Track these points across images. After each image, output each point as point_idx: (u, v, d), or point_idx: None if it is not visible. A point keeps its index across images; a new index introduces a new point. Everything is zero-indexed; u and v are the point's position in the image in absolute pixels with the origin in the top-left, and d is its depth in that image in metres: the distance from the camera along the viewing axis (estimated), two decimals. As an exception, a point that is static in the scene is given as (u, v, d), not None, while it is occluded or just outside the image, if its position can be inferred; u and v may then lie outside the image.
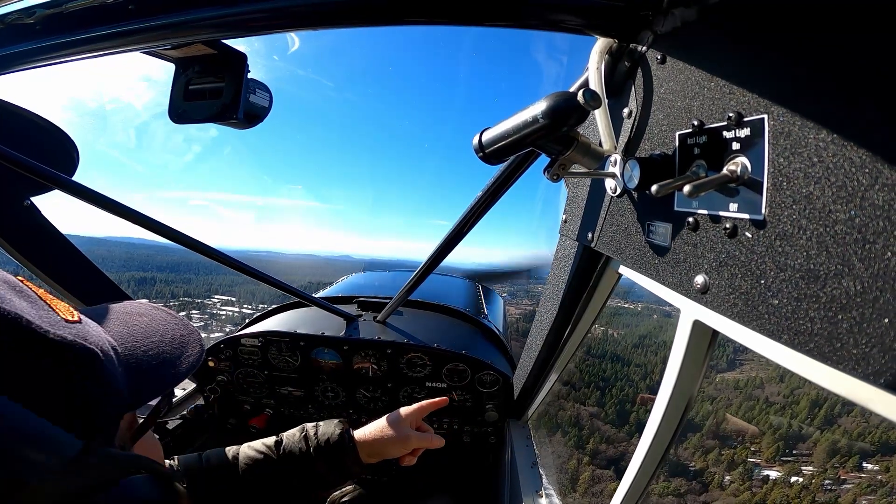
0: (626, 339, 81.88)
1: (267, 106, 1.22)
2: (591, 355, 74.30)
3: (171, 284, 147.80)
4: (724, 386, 69.01)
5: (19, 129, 1.44)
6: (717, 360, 70.85)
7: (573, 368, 50.07)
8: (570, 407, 59.71)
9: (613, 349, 79.70)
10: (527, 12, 0.75)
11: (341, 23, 0.79)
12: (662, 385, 0.95)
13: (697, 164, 0.68)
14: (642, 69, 0.85)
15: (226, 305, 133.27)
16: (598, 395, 65.50)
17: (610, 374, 72.46)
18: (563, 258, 1.42)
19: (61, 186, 1.36)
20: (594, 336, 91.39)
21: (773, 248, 0.55)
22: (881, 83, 0.42)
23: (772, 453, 49.82)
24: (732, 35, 0.61)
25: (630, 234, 0.91)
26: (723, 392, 66.84)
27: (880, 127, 0.42)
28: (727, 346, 43.93)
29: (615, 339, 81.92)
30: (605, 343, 78.76)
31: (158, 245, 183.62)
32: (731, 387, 68.88)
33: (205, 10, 0.78)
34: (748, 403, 61.95)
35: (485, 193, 1.48)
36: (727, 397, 65.65)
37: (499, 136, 0.83)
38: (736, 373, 72.33)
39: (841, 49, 0.46)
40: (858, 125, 0.44)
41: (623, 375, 72.68)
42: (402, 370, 2.22)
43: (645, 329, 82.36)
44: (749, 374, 66.13)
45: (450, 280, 3.95)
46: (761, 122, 0.56)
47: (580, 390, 65.94)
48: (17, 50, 0.96)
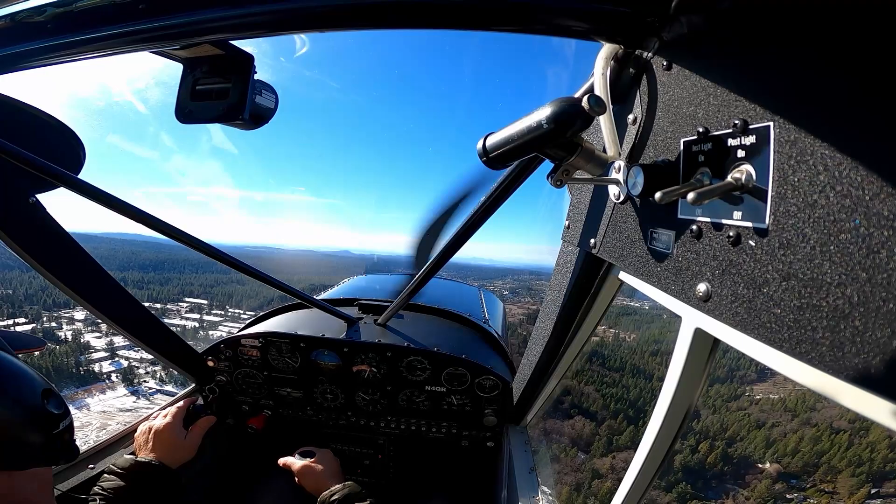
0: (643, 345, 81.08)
1: (273, 107, 1.23)
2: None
3: (147, 286, 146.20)
4: (771, 408, 65.17)
5: (26, 125, 1.45)
6: (748, 370, 67.89)
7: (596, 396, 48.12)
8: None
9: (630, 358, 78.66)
10: (533, 17, 0.75)
11: (348, 25, 0.80)
12: (662, 392, 0.94)
13: (702, 171, 0.68)
14: (648, 76, 0.85)
15: (190, 312, 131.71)
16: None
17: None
18: (564, 264, 1.42)
19: (67, 184, 1.37)
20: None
21: (777, 256, 0.54)
22: (888, 93, 0.42)
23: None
24: (739, 42, 0.62)
25: (633, 241, 0.90)
26: (771, 415, 63.14)
27: (886, 137, 0.42)
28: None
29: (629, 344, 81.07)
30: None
31: (145, 241, 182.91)
32: (778, 409, 65.28)
33: (214, 11, 0.79)
34: (811, 432, 57.67)
35: (488, 198, 1.48)
36: (782, 423, 61.75)
37: (503, 140, 0.83)
38: (769, 384, 69.17)
39: (848, 58, 0.46)
40: (864, 135, 0.44)
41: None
42: (401, 373, 2.22)
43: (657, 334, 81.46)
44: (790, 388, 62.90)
45: (451, 284, 3.96)
46: (767, 130, 0.55)
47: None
48: (27, 48, 0.97)
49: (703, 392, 0.91)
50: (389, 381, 2.24)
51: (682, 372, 0.87)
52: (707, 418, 67.01)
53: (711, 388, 72.15)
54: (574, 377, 70.47)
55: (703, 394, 0.90)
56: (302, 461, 1.80)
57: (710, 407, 70.10)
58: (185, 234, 1.66)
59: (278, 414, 2.45)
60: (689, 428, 57.41)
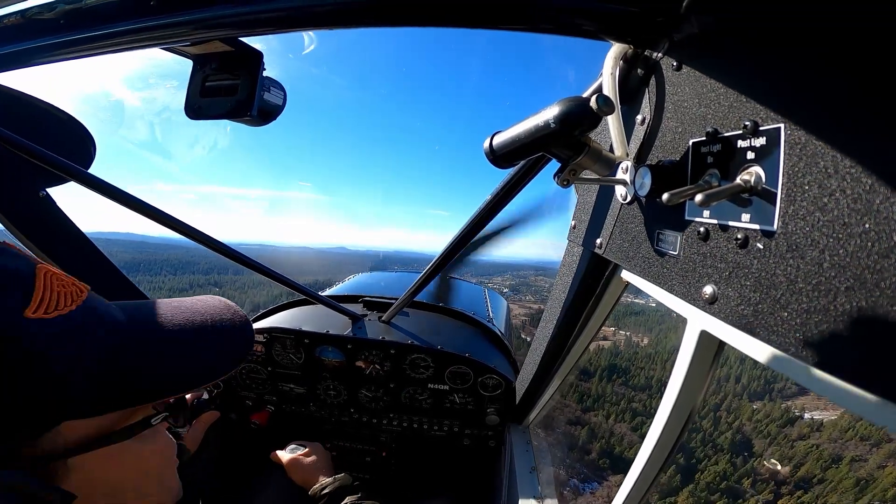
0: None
1: (281, 104, 1.23)
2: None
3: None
4: (840, 435, 55.15)
5: (37, 120, 1.46)
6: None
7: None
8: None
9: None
10: (541, 16, 0.75)
11: (356, 23, 0.80)
12: (666, 395, 0.94)
13: (710, 172, 0.68)
14: (657, 76, 0.84)
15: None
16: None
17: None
18: (570, 264, 1.41)
19: (77, 179, 1.38)
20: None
21: (785, 259, 0.54)
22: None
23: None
24: (750, 43, 0.61)
25: (639, 242, 0.90)
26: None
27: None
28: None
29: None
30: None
31: (144, 243, 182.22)
32: (849, 435, 54.71)
33: (224, 8, 0.79)
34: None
35: (494, 197, 1.48)
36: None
37: (510, 139, 0.83)
38: (812, 398, 59.87)
39: (860, 60, 0.45)
40: (876, 138, 0.43)
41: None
42: (404, 371, 2.22)
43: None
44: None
45: (455, 282, 3.96)
46: (777, 132, 0.55)
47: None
48: (38, 44, 0.98)
49: (706, 395, 0.91)
50: (393, 378, 2.25)
51: (686, 374, 0.87)
52: (764, 450, 58.04)
53: (756, 413, 65.22)
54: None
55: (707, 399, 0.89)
56: (290, 455, 1.81)
57: (764, 435, 61.37)
58: (195, 229, 1.67)
59: (281, 409, 2.46)
60: (754, 474, 51.68)
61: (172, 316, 0.75)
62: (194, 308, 0.79)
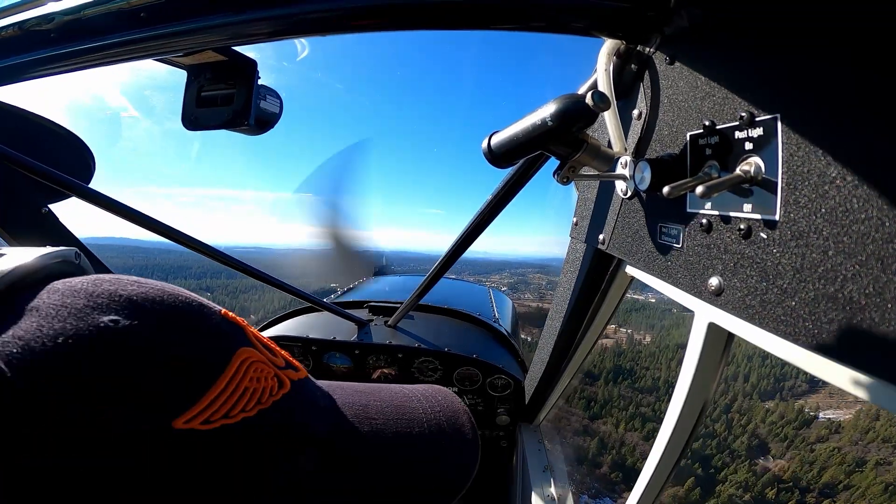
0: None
1: (277, 112, 1.23)
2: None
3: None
4: (861, 436, 51.41)
5: (36, 136, 1.47)
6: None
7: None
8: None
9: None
10: (533, 15, 0.75)
11: (349, 29, 0.80)
12: (677, 389, 0.93)
13: (710, 164, 0.67)
14: (650, 71, 0.84)
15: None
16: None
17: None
18: (573, 261, 1.41)
19: (79, 194, 1.39)
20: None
21: (789, 248, 0.53)
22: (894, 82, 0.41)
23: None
24: (740, 34, 0.61)
25: (642, 236, 0.90)
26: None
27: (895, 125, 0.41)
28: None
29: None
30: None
31: (137, 248, 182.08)
32: (870, 437, 51.61)
33: (215, 18, 0.79)
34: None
35: (494, 197, 1.48)
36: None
37: (508, 139, 0.83)
38: (824, 396, 57.42)
39: (854, 45, 0.45)
40: (875, 123, 0.43)
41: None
42: (413, 374, 2.22)
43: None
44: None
45: (459, 284, 3.95)
46: (774, 122, 0.55)
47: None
48: (33, 58, 0.98)
49: (717, 390, 0.90)
50: (401, 382, 2.24)
51: (696, 367, 0.86)
52: (783, 454, 55.23)
53: (770, 414, 61.97)
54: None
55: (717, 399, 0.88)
56: None
57: (781, 438, 58.13)
58: (192, 238, 1.66)
59: None
60: (775, 481, 51.57)
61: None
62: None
